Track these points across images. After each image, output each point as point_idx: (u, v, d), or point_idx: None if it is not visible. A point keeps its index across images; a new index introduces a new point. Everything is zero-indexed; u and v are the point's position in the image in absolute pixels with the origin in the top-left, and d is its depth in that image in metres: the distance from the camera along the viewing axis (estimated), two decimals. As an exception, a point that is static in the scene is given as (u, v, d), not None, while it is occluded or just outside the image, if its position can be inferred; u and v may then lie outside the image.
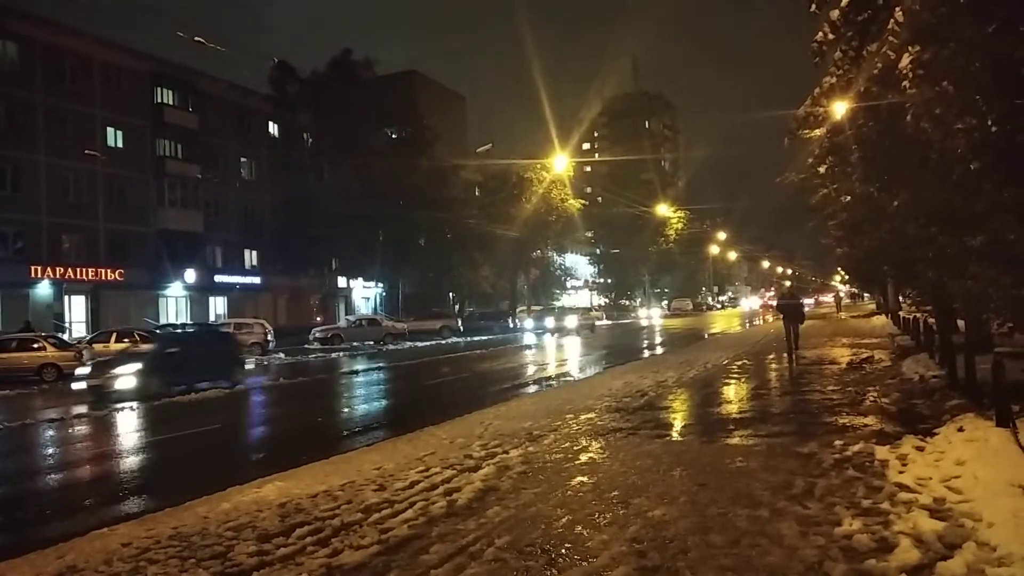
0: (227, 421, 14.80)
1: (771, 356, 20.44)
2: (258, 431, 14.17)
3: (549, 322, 47.69)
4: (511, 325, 48.77)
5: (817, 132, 13.30)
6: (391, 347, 36.06)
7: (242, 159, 49.50)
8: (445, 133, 54.63)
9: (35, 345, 23.95)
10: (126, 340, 26.79)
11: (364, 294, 57.93)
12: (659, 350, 29.02)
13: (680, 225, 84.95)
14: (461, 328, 45.48)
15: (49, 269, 37.23)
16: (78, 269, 38.50)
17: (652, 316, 68.22)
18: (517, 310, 54.29)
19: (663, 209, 77.60)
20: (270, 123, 50.71)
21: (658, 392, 13.56)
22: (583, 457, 8.03)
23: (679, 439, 9.34)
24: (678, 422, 10.86)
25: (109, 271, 39.96)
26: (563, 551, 5.00)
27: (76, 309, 38.96)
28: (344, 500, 6.62)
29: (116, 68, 41.23)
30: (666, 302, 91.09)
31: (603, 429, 9.74)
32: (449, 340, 41.05)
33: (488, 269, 56.09)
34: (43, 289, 37.31)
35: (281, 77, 46.60)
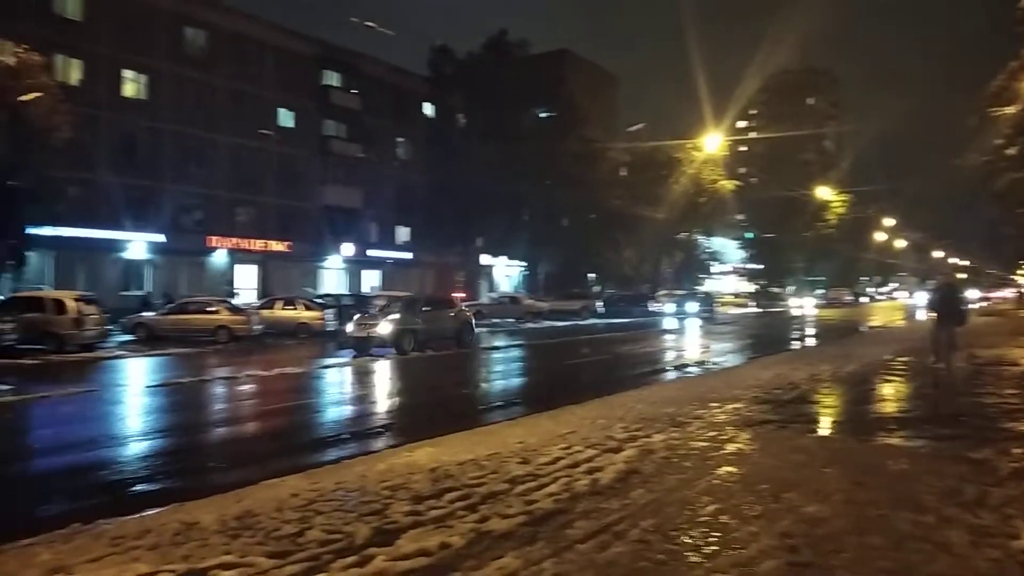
0: (386, 387, 15.67)
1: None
2: (405, 399, 14.88)
3: (692, 307, 46.53)
4: (652, 309, 48.04)
5: (1009, 110, 12.07)
6: (530, 325, 36.58)
7: (398, 139, 51.69)
8: (595, 113, 54.29)
9: (211, 309, 26.32)
10: (290, 307, 28.85)
11: (506, 272, 59.01)
12: (812, 342, 27.61)
13: (842, 209, 79.69)
14: (600, 310, 45.33)
15: (224, 240, 40.69)
16: (249, 240, 41.84)
17: (805, 305, 64.79)
18: (659, 294, 53.34)
19: (823, 191, 73.09)
20: (425, 104, 52.47)
21: (811, 385, 12.92)
22: (730, 447, 7.83)
23: (834, 435, 8.88)
24: (833, 417, 10.31)
25: (276, 243, 43.14)
26: (710, 539, 4.92)
27: (246, 277, 42.39)
28: (490, 470, 6.83)
29: (288, 52, 44.15)
30: (821, 291, 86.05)
31: (751, 420, 9.43)
32: (588, 321, 41.06)
33: (631, 251, 55.47)
34: (219, 258, 40.90)
35: (439, 59, 48.03)
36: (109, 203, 34.95)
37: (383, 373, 17.71)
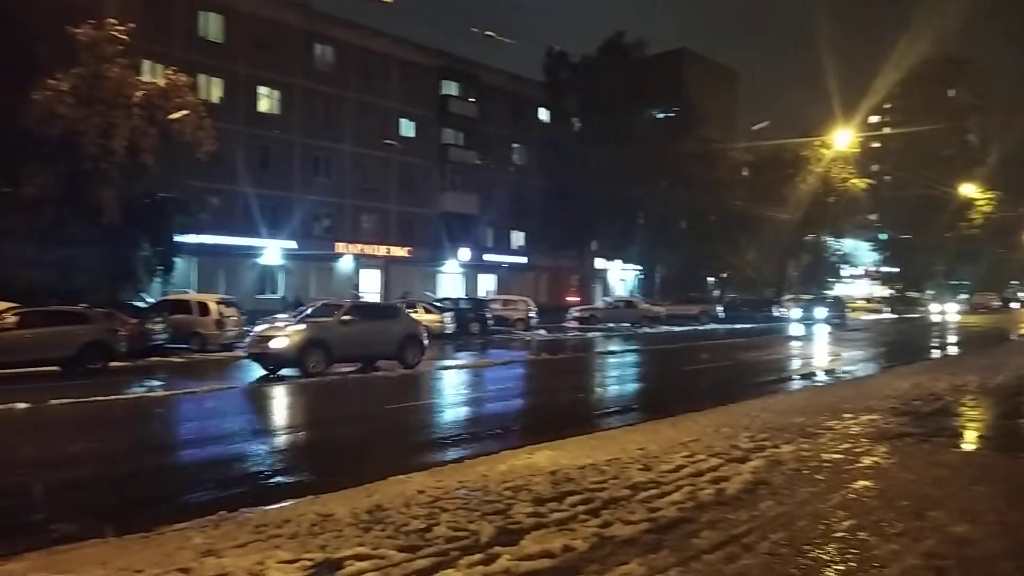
0: (495, 391, 15.91)
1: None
2: (522, 402, 15.02)
3: (820, 312, 44.37)
4: (776, 314, 46.19)
5: None
6: (646, 330, 36.01)
7: (514, 145, 52.33)
8: (714, 112, 52.79)
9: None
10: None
11: (621, 276, 58.41)
12: (954, 350, 25.70)
13: (988, 208, 73.48)
14: (721, 315, 44.03)
15: (350, 245, 42.53)
16: (373, 246, 43.52)
17: (946, 311, 60.37)
18: (784, 298, 51.20)
19: (967, 189, 67.71)
20: (541, 110, 52.85)
21: (955, 397, 12.02)
22: (866, 460, 7.41)
23: (981, 451, 8.24)
24: (980, 432, 9.57)
25: (398, 248, 44.66)
26: (847, 555, 4.68)
27: (370, 281, 44.10)
28: (611, 475, 6.78)
29: (410, 64, 45.67)
30: (964, 296, 79.73)
31: (888, 432, 8.88)
32: (707, 326, 39.98)
33: (753, 253, 53.52)
34: (345, 263, 42.77)
35: (554, 64, 48.24)
36: (246, 212, 37.35)
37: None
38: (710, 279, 57.28)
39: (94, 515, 6.27)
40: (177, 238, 27.08)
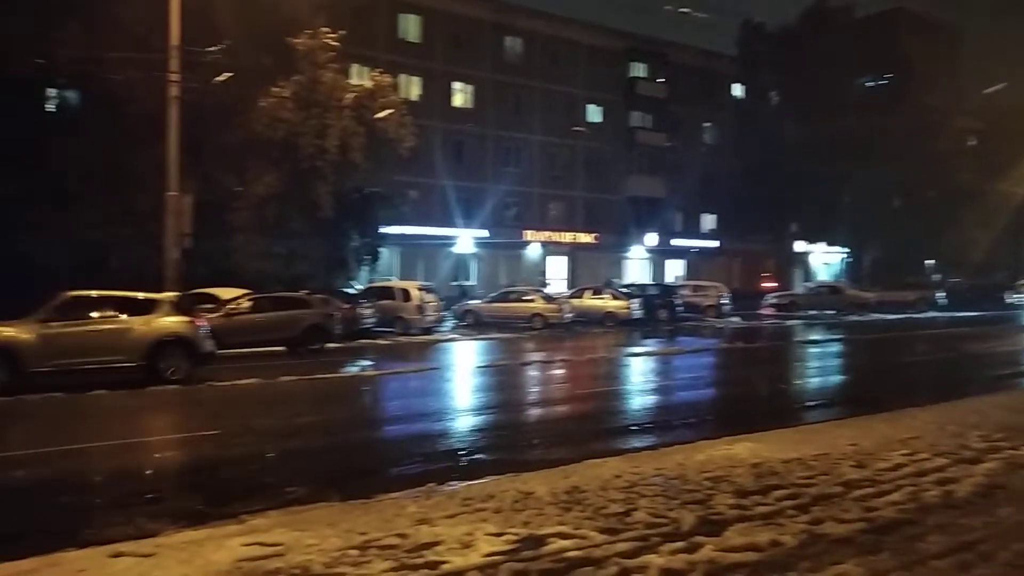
0: (686, 379, 15.55)
1: None
2: (716, 391, 14.55)
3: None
4: (1009, 301, 40.94)
5: None
6: (853, 318, 33.41)
7: (704, 124, 50.61)
8: (935, 76, 47.69)
9: (527, 298, 28.21)
10: (599, 297, 29.82)
11: (824, 260, 54.65)
12: None
13: None
14: (942, 301, 39.78)
15: (538, 233, 43.38)
16: (559, 233, 44.09)
17: None
18: (1018, 283, 45.29)
19: None
20: (733, 86, 50.64)
21: None
22: None
23: None
24: None
25: (584, 234, 44.90)
26: (1113, 577, 4.07)
27: (557, 268, 44.75)
28: (819, 471, 6.40)
29: (597, 49, 45.58)
30: None
31: None
32: (925, 314, 36.32)
33: (981, 233, 47.78)
34: (532, 251, 43.70)
35: (749, 36, 46.01)
36: (442, 203, 39.31)
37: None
38: (928, 262, 51.96)
39: (320, 481, 6.92)
40: (382, 229, 29.07)
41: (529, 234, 43.22)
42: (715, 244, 50.32)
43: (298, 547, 4.60)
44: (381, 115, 25.48)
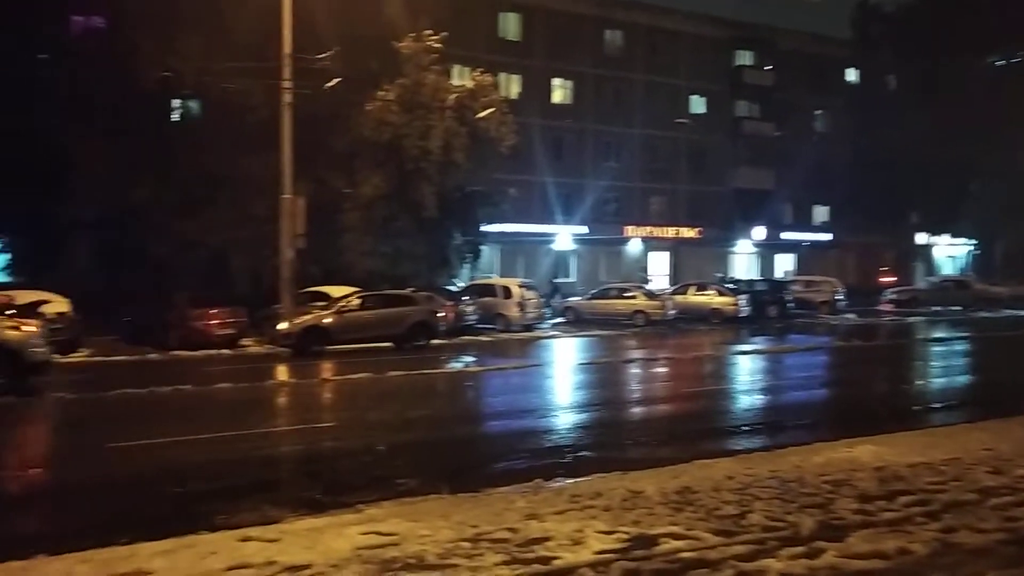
0: (799, 378, 14.96)
1: None
2: (831, 391, 13.92)
3: None
4: None
5: None
6: (983, 314, 31.13)
7: (815, 112, 48.47)
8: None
9: (629, 294, 27.86)
10: (703, 293, 29.11)
11: (949, 252, 51.26)
12: None
13: None
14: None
15: (638, 228, 42.74)
16: (661, 228, 43.27)
17: None
18: None
19: None
20: (847, 71, 48.25)
21: None
22: None
23: None
24: None
25: (687, 229, 43.86)
26: None
27: (658, 263, 43.96)
28: (951, 477, 6.00)
29: (701, 38, 44.44)
30: None
31: None
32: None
33: None
34: (633, 246, 43.10)
35: (864, 17, 43.70)
36: (542, 200, 39.32)
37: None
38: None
39: (430, 473, 7.08)
40: (483, 227, 29.43)
41: (630, 229, 42.62)
42: (828, 237, 48.08)
43: (412, 537, 4.72)
44: (482, 115, 25.78)
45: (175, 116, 26.13)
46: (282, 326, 18.11)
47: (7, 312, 13.14)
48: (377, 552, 4.48)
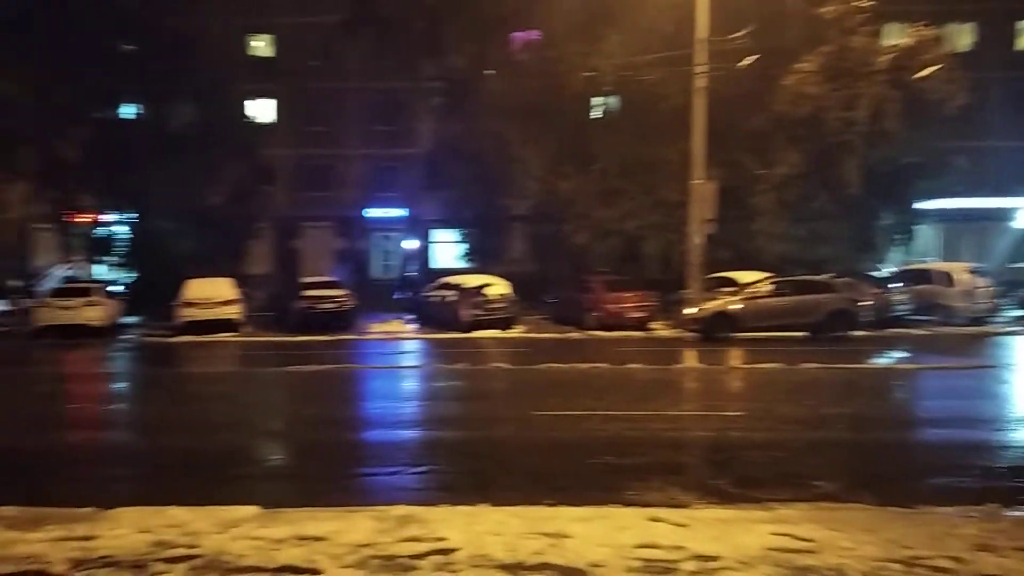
0: None
1: None
2: None
3: None
4: None
5: None
6: None
7: None
8: None
9: None
10: None
11: None
12: None
13: None
14: None
15: None
16: None
17: None
18: None
19: None
20: None
21: None
22: None
23: None
24: None
25: None
26: None
27: None
28: None
29: None
30: None
31: None
32: None
33: None
34: None
35: None
36: (998, 169, 32.93)
37: None
38: None
39: (850, 479, 6.40)
40: (917, 204, 25.89)
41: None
42: None
43: (832, 547, 4.29)
44: (922, 74, 22.54)
45: (596, 112, 28.02)
46: (690, 311, 18.26)
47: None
48: (790, 557, 4.17)
